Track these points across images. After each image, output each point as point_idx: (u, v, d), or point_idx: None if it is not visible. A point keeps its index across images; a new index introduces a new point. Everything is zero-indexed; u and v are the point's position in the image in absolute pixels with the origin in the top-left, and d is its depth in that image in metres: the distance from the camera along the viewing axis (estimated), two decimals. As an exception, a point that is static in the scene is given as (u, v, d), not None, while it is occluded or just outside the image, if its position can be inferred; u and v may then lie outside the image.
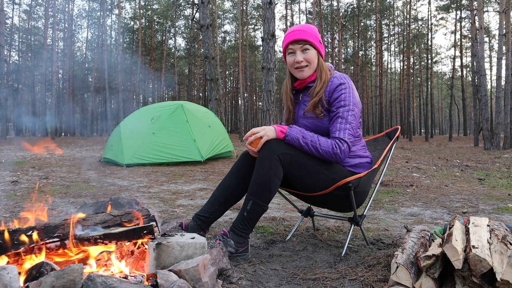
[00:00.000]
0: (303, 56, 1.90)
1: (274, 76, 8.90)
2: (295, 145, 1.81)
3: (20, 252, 1.35)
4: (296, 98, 2.05)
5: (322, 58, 1.97)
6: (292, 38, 1.90)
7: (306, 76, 1.94)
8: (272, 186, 1.79)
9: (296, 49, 1.91)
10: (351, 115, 1.85)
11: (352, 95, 1.88)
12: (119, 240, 1.47)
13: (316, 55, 1.93)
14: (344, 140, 1.81)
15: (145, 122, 7.55)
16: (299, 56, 1.90)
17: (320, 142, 1.80)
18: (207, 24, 11.74)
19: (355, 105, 1.87)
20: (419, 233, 1.66)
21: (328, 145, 1.80)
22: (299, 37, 1.89)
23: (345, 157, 1.83)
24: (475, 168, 6.58)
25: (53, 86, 26.69)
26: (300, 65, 1.91)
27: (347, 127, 1.83)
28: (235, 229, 1.83)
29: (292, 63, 1.93)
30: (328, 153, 1.80)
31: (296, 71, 1.95)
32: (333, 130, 1.85)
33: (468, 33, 28.47)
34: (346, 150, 1.81)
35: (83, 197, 3.70)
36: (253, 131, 1.83)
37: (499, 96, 14.21)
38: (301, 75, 1.94)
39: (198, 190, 4.26)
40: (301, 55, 1.90)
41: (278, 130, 1.81)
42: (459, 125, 54.66)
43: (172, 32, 37.38)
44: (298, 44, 1.90)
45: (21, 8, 36.38)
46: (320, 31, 32.37)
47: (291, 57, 1.93)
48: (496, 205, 3.29)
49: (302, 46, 1.90)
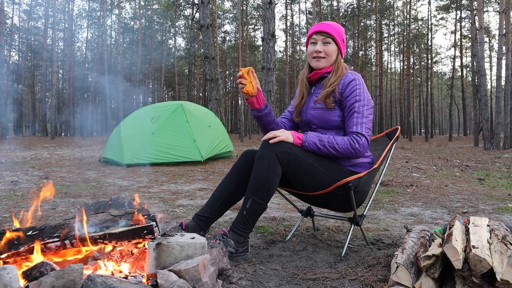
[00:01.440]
0: (323, 48, 1.96)
1: (274, 76, 8.90)
2: (313, 150, 1.84)
3: (20, 252, 1.35)
4: (308, 89, 2.09)
5: (342, 57, 2.01)
6: (316, 29, 1.97)
7: (321, 67, 1.98)
8: (271, 185, 1.80)
9: (318, 39, 1.96)
10: (366, 110, 1.88)
11: (365, 91, 1.93)
12: (119, 240, 1.47)
13: (336, 51, 1.98)
14: (362, 134, 1.83)
15: (145, 122, 7.55)
16: (319, 46, 1.96)
17: (337, 141, 1.83)
18: (207, 24, 11.74)
19: (369, 100, 1.92)
20: (419, 233, 1.66)
21: (345, 142, 1.82)
22: (323, 29, 1.95)
23: (365, 151, 1.85)
24: (475, 168, 6.58)
25: (53, 86, 26.69)
26: (318, 55, 1.96)
27: (363, 121, 1.86)
28: (235, 228, 1.83)
29: (311, 52, 1.98)
30: (347, 150, 1.82)
31: (313, 60, 2.00)
32: (350, 125, 1.87)
33: (468, 33, 28.48)
34: (364, 143, 1.83)
35: (83, 197, 3.70)
36: (274, 134, 1.85)
37: (499, 96, 14.22)
38: (317, 64, 1.99)
39: (198, 190, 4.26)
40: (321, 46, 1.96)
41: (295, 136, 1.85)
42: (459, 125, 54.68)
43: (172, 32, 37.39)
44: (321, 36, 1.95)
45: (21, 8, 36.42)
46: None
47: (312, 46, 1.99)
48: (496, 205, 3.29)
49: (324, 39, 1.95)
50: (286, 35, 38.36)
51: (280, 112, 41.68)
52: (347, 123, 1.89)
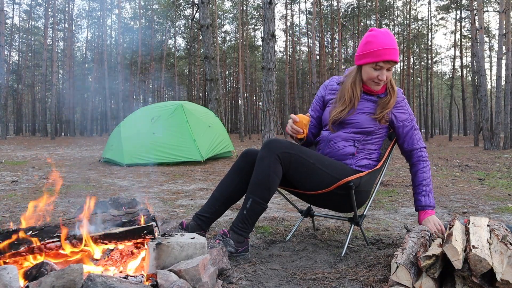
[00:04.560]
0: (387, 75, 1.91)
1: (274, 76, 8.89)
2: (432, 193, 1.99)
3: (20, 252, 1.35)
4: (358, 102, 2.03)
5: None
6: (388, 58, 1.85)
7: (379, 89, 1.99)
8: (272, 185, 1.81)
9: (385, 67, 1.88)
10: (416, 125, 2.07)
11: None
12: (119, 240, 1.47)
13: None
14: (425, 147, 2.04)
15: (145, 122, 7.55)
16: (384, 75, 1.90)
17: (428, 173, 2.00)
18: (207, 24, 11.74)
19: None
20: (419, 233, 1.66)
21: (427, 164, 2.01)
22: (394, 58, 1.86)
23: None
24: (475, 168, 6.58)
25: (53, 86, 26.69)
26: (380, 82, 1.93)
27: (420, 136, 2.05)
28: (234, 228, 1.84)
29: (374, 77, 1.91)
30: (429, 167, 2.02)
31: (372, 83, 1.95)
32: (415, 141, 2.02)
33: (468, 33, 28.47)
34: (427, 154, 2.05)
35: (83, 197, 3.70)
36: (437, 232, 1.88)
37: (499, 96, 14.22)
38: (377, 88, 1.98)
39: (198, 190, 4.26)
40: (386, 74, 1.90)
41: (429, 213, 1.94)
42: (459, 125, 54.64)
43: (172, 32, 37.37)
44: (388, 64, 1.88)
45: (21, 8, 36.42)
46: (320, 31, 32.41)
47: (375, 71, 1.90)
48: (496, 205, 3.29)
49: (390, 67, 1.91)
50: (286, 35, 38.35)
51: (280, 112, 41.66)
52: (411, 139, 2.02)
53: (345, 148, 1.98)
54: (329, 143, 2.02)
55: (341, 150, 1.98)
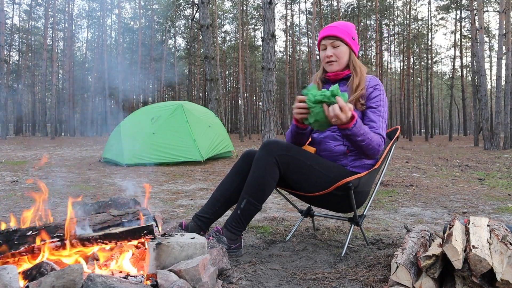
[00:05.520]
0: (333, 51, 1.97)
1: (274, 76, 8.89)
2: (355, 134, 1.72)
3: (20, 252, 1.35)
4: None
5: (355, 55, 2.02)
6: (324, 34, 1.99)
7: (334, 70, 2.01)
8: (266, 187, 1.82)
9: (327, 44, 1.98)
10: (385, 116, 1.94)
11: (385, 97, 2.01)
12: (119, 240, 1.47)
13: (347, 51, 1.99)
14: (384, 138, 1.89)
15: (145, 122, 7.55)
16: (329, 51, 1.97)
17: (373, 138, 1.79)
18: (207, 24, 11.74)
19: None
20: (419, 233, 1.66)
21: (378, 142, 1.82)
22: (330, 33, 1.97)
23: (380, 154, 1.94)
24: (475, 168, 6.58)
25: (53, 86, 26.68)
26: (329, 59, 1.98)
27: (384, 126, 1.92)
28: (228, 226, 1.87)
29: (323, 57, 2.02)
30: (376, 149, 1.82)
31: (326, 65, 2.02)
32: (376, 126, 1.88)
33: (468, 33, 28.47)
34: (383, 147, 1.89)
35: (83, 197, 3.70)
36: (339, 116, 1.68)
37: (499, 96, 14.22)
38: (330, 68, 2.02)
39: (198, 190, 4.26)
40: (331, 50, 1.97)
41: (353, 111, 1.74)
42: (459, 125, 54.65)
43: (172, 32, 37.38)
44: (329, 40, 1.97)
45: (21, 8, 36.43)
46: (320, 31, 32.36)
47: (323, 52, 2.02)
48: (496, 205, 3.29)
49: (333, 42, 1.97)
50: (286, 35, 38.36)
51: (280, 112, 41.69)
52: (374, 123, 1.88)
53: (336, 148, 1.95)
54: (320, 146, 2.01)
55: (332, 151, 1.96)
